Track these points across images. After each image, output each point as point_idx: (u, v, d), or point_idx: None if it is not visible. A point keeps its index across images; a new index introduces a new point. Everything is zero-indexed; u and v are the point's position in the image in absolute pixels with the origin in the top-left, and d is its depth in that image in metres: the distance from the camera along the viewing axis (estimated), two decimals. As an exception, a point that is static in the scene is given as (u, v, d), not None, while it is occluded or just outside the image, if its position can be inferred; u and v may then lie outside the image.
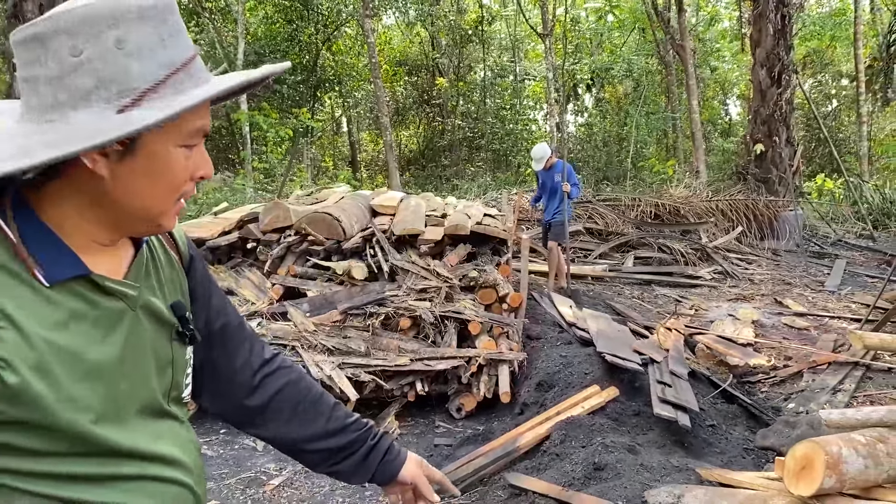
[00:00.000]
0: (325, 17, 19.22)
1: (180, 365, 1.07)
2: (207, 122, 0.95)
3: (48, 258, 0.87)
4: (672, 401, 3.87)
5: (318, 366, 4.75)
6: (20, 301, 0.84)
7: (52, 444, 0.86)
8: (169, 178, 0.92)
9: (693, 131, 15.59)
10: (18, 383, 0.81)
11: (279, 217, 5.48)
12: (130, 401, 0.96)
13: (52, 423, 0.85)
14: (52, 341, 0.85)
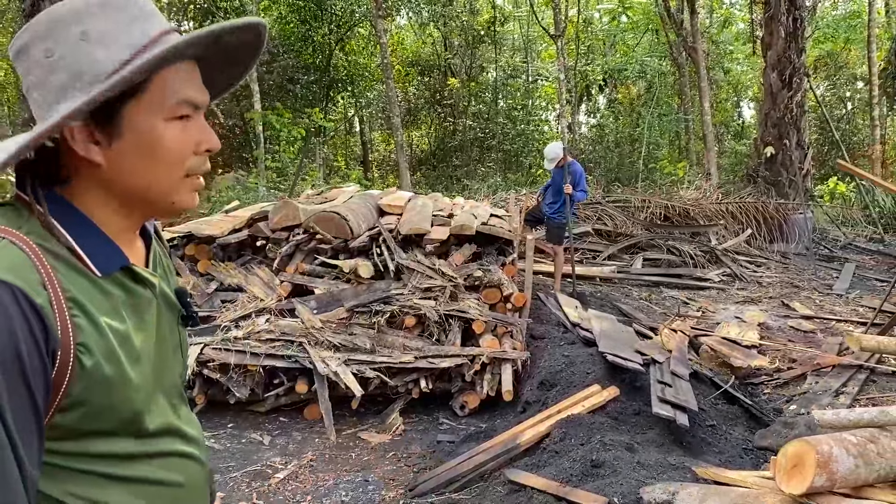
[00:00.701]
0: (339, 18, 19.30)
1: (185, 347, 1.15)
2: (195, 94, 0.96)
3: (97, 250, 0.93)
4: (671, 400, 3.92)
5: (324, 362, 4.83)
6: (84, 291, 0.89)
7: (105, 424, 0.91)
8: (162, 154, 0.94)
9: (705, 133, 15.56)
10: (93, 366, 0.87)
11: (288, 215, 5.56)
12: (160, 382, 1.02)
13: (114, 404, 0.91)
14: (114, 328, 0.91)
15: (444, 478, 3.84)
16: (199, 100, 0.97)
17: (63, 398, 0.86)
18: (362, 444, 4.69)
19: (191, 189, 0.99)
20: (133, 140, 0.92)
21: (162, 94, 0.92)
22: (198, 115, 0.97)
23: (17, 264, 0.83)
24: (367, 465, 4.35)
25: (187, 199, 1.00)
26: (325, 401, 4.85)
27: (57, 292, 0.85)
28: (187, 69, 0.96)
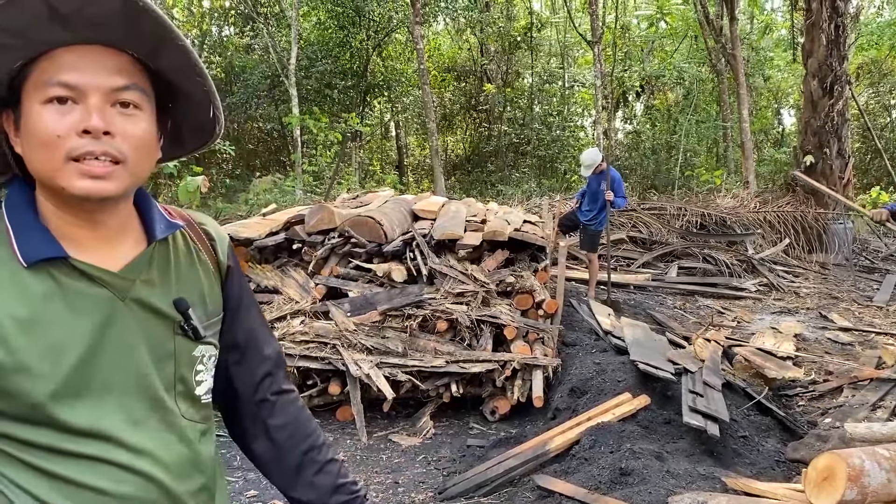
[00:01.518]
0: (376, 24, 19.49)
1: (185, 360, 1.08)
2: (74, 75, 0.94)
3: (27, 241, 0.95)
4: (702, 410, 3.90)
5: (357, 364, 4.89)
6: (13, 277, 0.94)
7: (13, 407, 0.93)
8: (38, 138, 0.93)
9: (743, 141, 15.37)
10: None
11: (324, 219, 5.65)
12: (107, 384, 0.99)
13: (6, 388, 0.92)
14: (16, 316, 0.92)
15: (473, 482, 3.88)
16: (78, 81, 0.94)
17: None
18: (393, 447, 4.75)
19: (76, 174, 0.94)
20: (25, 126, 0.95)
21: (39, 78, 0.94)
22: (85, 99, 0.94)
23: None
24: (398, 468, 4.41)
25: (78, 185, 0.94)
26: (357, 403, 4.92)
27: None
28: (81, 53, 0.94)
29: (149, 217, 1.08)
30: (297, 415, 1.25)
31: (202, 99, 1.05)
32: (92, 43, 0.94)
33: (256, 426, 1.22)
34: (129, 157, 0.97)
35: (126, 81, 0.96)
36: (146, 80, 1.00)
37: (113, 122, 0.95)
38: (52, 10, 0.89)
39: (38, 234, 0.96)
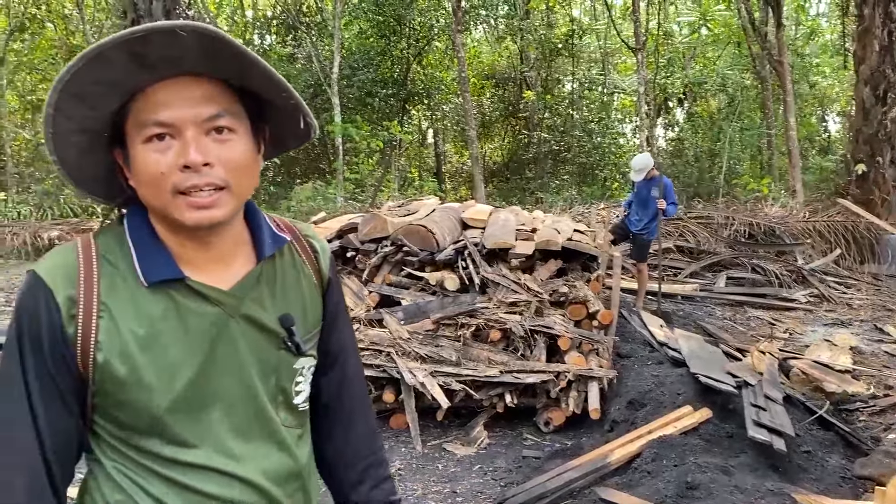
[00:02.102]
0: (417, 32, 19.63)
1: (287, 373, 1.13)
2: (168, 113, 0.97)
3: (148, 262, 1.03)
4: (767, 424, 3.84)
5: (411, 372, 4.91)
6: (121, 299, 1.01)
7: (133, 419, 1.02)
8: (143, 175, 0.99)
9: (790, 149, 15.10)
10: (104, 362, 0.99)
11: (377, 227, 5.69)
12: (216, 397, 1.05)
13: (128, 401, 1.01)
14: (137, 334, 1.00)
15: (533, 493, 3.86)
16: (172, 119, 0.98)
17: (92, 383, 1.01)
18: (448, 456, 4.75)
19: (186, 207, 0.99)
20: (132, 164, 1.01)
21: (136, 119, 0.99)
22: (181, 134, 0.98)
23: (58, 267, 1.01)
24: (454, 477, 4.41)
25: (188, 217, 0.99)
26: (411, 411, 4.94)
27: (90, 294, 1.00)
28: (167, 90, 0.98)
29: (258, 232, 1.13)
30: (368, 430, 1.31)
31: (292, 111, 1.09)
32: (179, 76, 0.99)
33: (330, 432, 1.28)
34: (231, 182, 1.01)
35: (216, 109, 1.00)
36: (236, 101, 1.04)
37: (210, 151, 0.99)
38: (137, 56, 0.93)
39: (159, 257, 1.04)
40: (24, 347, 0.99)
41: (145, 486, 1.04)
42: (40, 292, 0.99)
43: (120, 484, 1.05)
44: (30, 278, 1.01)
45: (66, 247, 1.06)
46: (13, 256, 13.13)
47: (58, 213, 14.67)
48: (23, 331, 0.99)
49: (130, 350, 1.00)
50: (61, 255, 1.04)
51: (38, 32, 22.08)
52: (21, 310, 1.00)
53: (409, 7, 18.56)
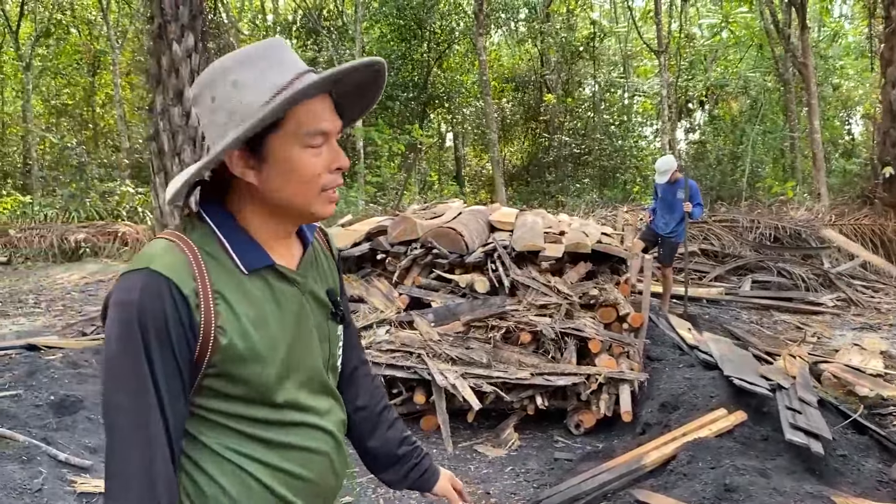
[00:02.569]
0: (438, 36, 19.68)
1: (334, 339, 1.34)
2: (325, 125, 1.16)
3: (244, 253, 1.18)
4: (804, 427, 3.82)
5: (442, 374, 4.93)
6: (230, 286, 1.15)
7: (243, 391, 1.15)
8: (299, 175, 1.15)
9: (814, 151, 14.97)
10: (228, 344, 1.12)
11: (407, 230, 5.72)
12: (295, 364, 1.22)
13: (246, 375, 1.14)
14: (248, 315, 1.14)
15: (567, 494, 3.87)
16: (329, 128, 1.17)
17: (208, 366, 1.12)
18: (479, 458, 4.77)
19: (326, 201, 1.19)
20: (276, 165, 1.15)
21: (297, 127, 1.13)
22: (330, 139, 1.18)
23: (176, 262, 1.11)
24: (487, 478, 4.42)
25: (323, 210, 1.20)
26: (442, 412, 4.96)
27: (205, 285, 1.11)
28: (319, 104, 1.15)
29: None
30: (375, 382, 1.55)
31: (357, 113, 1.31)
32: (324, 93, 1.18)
33: (347, 390, 1.46)
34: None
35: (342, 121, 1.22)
36: None
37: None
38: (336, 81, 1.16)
39: (251, 247, 1.19)
40: (150, 343, 1.06)
41: (249, 453, 1.17)
42: (165, 288, 1.08)
43: (223, 456, 1.16)
44: (147, 277, 1.08)
45: (167, 245, 1.14)
46: (41, 258, 13.31)
47: (84, 215, 14.84)
48: (146, 327, 1.06)
49: (247, 330, 1.14)
50: (170, 252, 1.12)
51: (62, 38, 22.39)
52: (143, 308, 1.06)
53: (430, 11, 18.62)
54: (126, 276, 1.10)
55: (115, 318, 1.07)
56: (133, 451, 1.06)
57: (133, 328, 1.06)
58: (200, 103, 1.17)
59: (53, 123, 23.61)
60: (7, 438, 3.77)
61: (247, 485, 1.17)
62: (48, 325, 8.42)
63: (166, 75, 10.58)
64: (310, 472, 1.23)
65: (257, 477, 1.17)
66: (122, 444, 1.06)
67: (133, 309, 1.06)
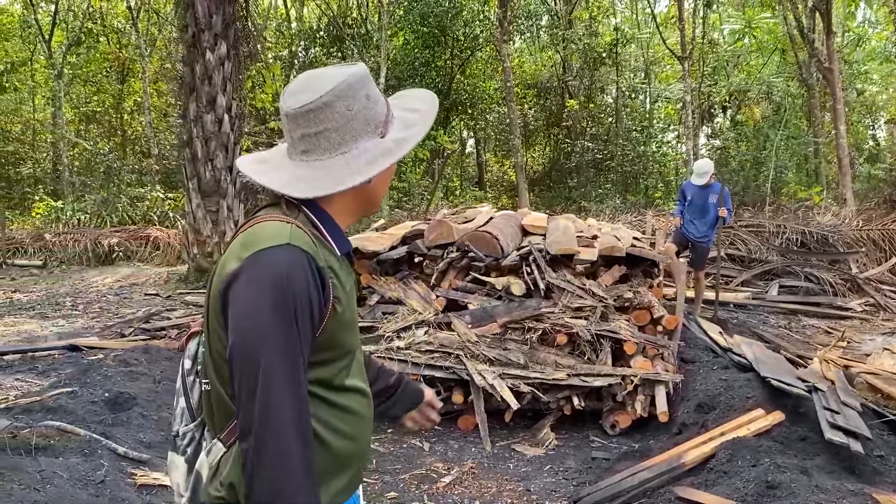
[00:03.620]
0: (461, 43, 19.83)
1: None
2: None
3: (337, 238, 1.40)
4: (843, 426, 3.89)
5: (480, 374, 5.05)
6: (335, 264, 1.36)
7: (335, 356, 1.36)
8: (385, 186, 1.51)
9: (840, 157, 14.94)
10: (342, 312, 1.34)
11: (443, 234, 5.84)
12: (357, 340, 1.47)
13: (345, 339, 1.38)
14: (346, 288, 1.37)
15: (608, 492, 3.96)
16: None
17: (322, 333, 1.30)
18: (518, 456, 4.87)
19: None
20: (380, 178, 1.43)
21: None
22: None
23: (307, 241, 1.29)
24: (526, 476, 4.53)
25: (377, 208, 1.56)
26: (481, 412, 5.07)
27: (322, 262, 1.29)
28: None
29: None
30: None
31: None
32: None
33: None
34: None
35: None
36: None
37: None
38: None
39: (341, 234, 1.43)
40: (298, 311, 1.22)
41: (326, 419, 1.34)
42: (306, 263, 1.26)
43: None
44: (290, 252, 1.25)
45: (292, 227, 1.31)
46: (75, 262, 13.59)
47: (116, 220, 15.13)
48: (295, 297, 1.22)
49: (349, 301, 1.38)
50: (300, 232, 1.30)
51: (93, 46, 22.81)
52: (291, 279, 1.22)
53: (454, 18, 18.78)
54: (265, 252, 1.24)
55: (267, 288, 1.21)
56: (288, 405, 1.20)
57: (286, 296, 1.20)
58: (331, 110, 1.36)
59: (83, 130, 24.04)
60: (69, 433, 3.93)
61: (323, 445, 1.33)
62: (86, 327, 8.64)
63: (200, 83, 10.84)
64: (362, 436, 1.43)
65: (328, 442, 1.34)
66: (278, 400, 1.19)
67: (283, 279, 1.21)
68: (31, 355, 6.85)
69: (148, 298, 10.27)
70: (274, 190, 1.35)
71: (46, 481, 3.37)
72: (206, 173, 10.71)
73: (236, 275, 1.24)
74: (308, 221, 1.36)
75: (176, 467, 1.45)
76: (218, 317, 1.29)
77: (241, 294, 1.22)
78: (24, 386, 5.68)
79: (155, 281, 11.73)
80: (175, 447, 1.47)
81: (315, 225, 1.36)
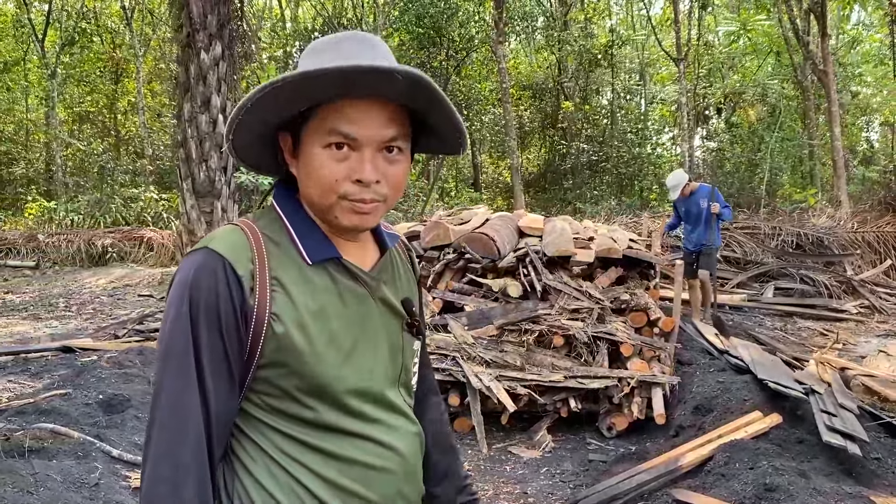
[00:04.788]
0: (457, 44, 19.80)
1: (408, 353, 1.25)
2: (353, 128, 1.05)
3: (309, 242, 1.12)
4: (841, 429, 3.88)
5: (477, 377, 5.03)
6: (290, 273, 1.09)
7: (300, 388, 1.08)
8: (317, 176, 1.08)
9: (834, 159, 14.98)
10: (283, 333, 1.06)
11: (440, 235, 5.83)
12: (365, 372, 1.14)
13: (301, 370, 1.07)
14: (309, 308, 1.08)
15: (605, 494, 3.94)
16: (357, 134, 1.06)
17: (260, 357, 1.06)
18: (514, 459, 4.85)
19: (350, 211, 1.09)
20: (304, 159, 1.10)
21: (321, 124, 1.06)
22: (361, 148, 1.07)
23: (234, 244, 1.07)
24: (523, 479, 4.51)
25: (345, 218, 1.10)
26: (477, 414, 5.05)
27: (263, 269, 1.06)
28: (357, 107, 1.05)
29: (378, 228, 1.25)
30: (443, 414, 1.45)
31: (452, 134, 1.17)
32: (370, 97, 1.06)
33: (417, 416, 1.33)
34: (389, 196, 1.12)
35: (395, 132, 1.09)
36: (408, 123, 1.12)
37: (380, 168, 1.09)
38: (347, 81, 1.01)
39: (318, 238, 1.14)
40: (199, 323, 1.03)
41: (306, 462, 1.09)
42: (220, 268, 1.04)
43: (278, 462, 1.10)
44: (205, 255, 1.06)
45: (231, 228, 1.12)
46: (68, 263, 13.53)
47: (109, 220, 15.06)
48: (198, 306, 1.03)
49: (306, 321, 1.08)
50: (232, 234, 1.10)
51: (86, 46, 22.73)
52: (195, 285, 1.03)
53: (449, 19, 18.75)
54: (187, 256, 1.09)
55: (171, 296, 1.06)
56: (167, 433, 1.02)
57: (184, 305, 1.03)
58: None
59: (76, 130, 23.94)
60: (63, 435, 3.90)
61: (300, 498, 1.09)
62: (80, 328, 8.59)
63: (194, 83, 10.79)
64: (370, 493, 1.13)
65: (312, 490, 1.09)
66: (158, 425, 1.02)
67: (186, 286, 1.04)
68: (24, 357, 6.80)
69: (142, 299, 10.23)
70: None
71: (40, 484, 3.34)
72: (200, 174, 10.65)
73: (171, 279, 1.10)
74: (277, 221, 1.15)
75: None
76: None
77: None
78: (17, 388, 5.63)
79: (149, 282, 11.69)
80: None
81: (283, 228, 1.14)
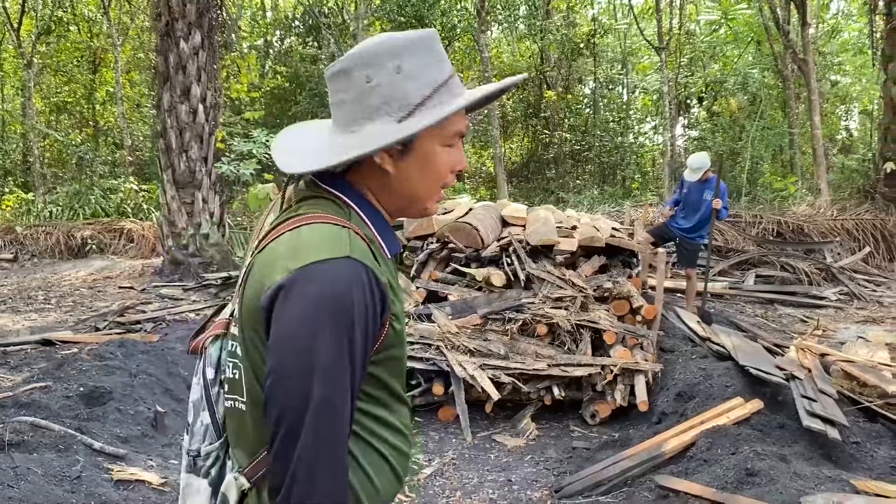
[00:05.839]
0: (439, 32, 19.71)
1: None
2: (464, 126, 1.20)
3: (387, 237, 1.20)
4: (821, 414, 3.93)
5: (461, 366, 5.03)
6: (387, 271, 1.14)
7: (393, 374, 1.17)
8: (434, 171, 1.18)
9: (814, 147, 15.10)
10: (400, 329, 1.14)
11: (423, 225, 5.82)
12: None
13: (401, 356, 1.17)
14: (400, 297, 1.17)
15: (589, 481, 3.97)
16: (465, 130, 1.20)
17: (376, 353, 1.11)
18: (499, 447, 4.87)
19: (437, 199, 1.23)
20: (418, 159, 1.17)
21: (447, 128, 1.16)
22: (459, 143, 1.20)
23: (365, 251, 1.08)
24: (507, 467, 4.53)
25: (433, 207, 1.24)
26: (461, 403, 5.06)
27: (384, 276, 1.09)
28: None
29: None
30: None
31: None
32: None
33: None
34: None
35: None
36: None
37: None
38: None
39: (392, 235, 1.24)
40: (356, 338, 1.03)
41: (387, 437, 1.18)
42: (367, 278, 1.05)
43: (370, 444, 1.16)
44: (351, 267, 1.04)
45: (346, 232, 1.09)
46: (47, 255, 13.36)
47: (89, 212, 14.88)
48: (355, 321, 1.02)
49: (401, 312, 1.17)
50: (354, 239, 1.09)
51: (63, 35, 22.37)
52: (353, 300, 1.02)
53: (431, 8, 18.66)
54: (321, 266, 1.03)
55: (323, 310, 1.01)
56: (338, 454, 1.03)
57: (345, 322, 1.01)
58: (347, 78, 1.14)
59: (54, 120, 23.60)
60: (44, 428, 3.86)
61: (384, 471, 1.16)
62: (59, 321, 8.49)
63: (174, 73, 10.67)
64: (409, 451, 1.25)
65: (390, 461, 1.18)
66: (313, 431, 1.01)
67: (342, 302, 1.01)
68: (3, 350, 6.71)
69: (122, 291, 10.12)
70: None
71: (20, 478, 3.30)
72: (180, 164, 10.55)
73: (284, 289, 1.03)
74: (361, 222, 1.16)
75: (196, 491, 1.25)
76: (258, 331, 1.09)
77: (290, 313, 1.02)
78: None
79: (129, 274, 11.57)
80: (194, 468, 1.26)
81: (367, 225, 1.16)
